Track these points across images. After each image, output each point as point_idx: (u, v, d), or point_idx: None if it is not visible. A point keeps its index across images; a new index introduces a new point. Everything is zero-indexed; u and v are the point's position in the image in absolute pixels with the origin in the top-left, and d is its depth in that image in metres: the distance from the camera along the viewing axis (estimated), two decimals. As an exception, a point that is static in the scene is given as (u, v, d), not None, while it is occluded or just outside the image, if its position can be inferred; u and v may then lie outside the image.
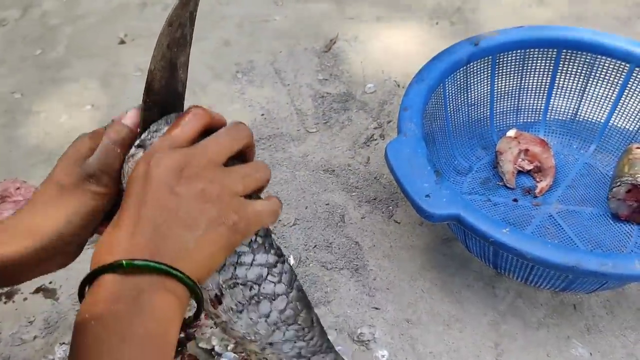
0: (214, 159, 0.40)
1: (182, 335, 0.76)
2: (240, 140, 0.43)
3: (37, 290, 0.84)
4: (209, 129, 0.44)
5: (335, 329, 0.79)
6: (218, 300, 0.43)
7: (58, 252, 0.45)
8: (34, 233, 0.43)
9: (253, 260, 0.44)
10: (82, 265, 0.44)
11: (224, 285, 0.43)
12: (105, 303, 0.34)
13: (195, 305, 0.40)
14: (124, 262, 0.35)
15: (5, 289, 0.84)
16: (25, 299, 0.83)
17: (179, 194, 0.37)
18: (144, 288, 0.34)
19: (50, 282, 0.85)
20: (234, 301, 0.43)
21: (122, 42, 1.32)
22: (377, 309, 0.81)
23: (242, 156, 0.46)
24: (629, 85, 0.93)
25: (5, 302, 0.83)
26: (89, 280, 0.36)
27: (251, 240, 0.44)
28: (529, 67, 0.97)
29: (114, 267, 0.35)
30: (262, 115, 1.12)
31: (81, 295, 0.37)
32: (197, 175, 0.39)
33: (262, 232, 0.45)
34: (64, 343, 0.79)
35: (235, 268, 0.43)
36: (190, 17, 0.48)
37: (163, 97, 0.48)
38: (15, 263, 0.42)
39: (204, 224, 0.37)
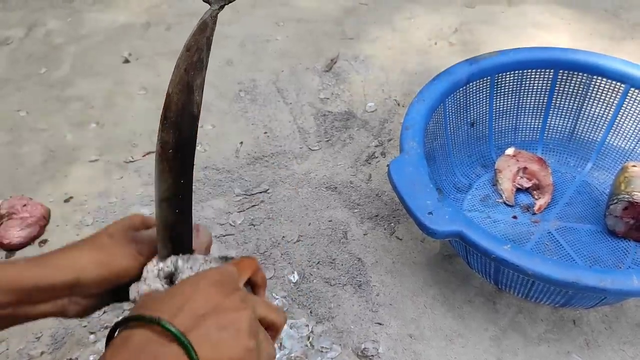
0: (261, 306, 0.46)
1: None
2: (280, 320, 0.48)
3: (44, 307, 0.85)
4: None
5: (340, 344, 0.80)
6: None
7: (84, 293, 0.48)
8: (74, 265, 0.47)
9: None
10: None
11: None
12: None
13: None
14: (155, 318, 0.39)
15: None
16: (32, 315, 0.84)
17: (226, 302, 0.43)
18: (161, 357, 0.38)
19: (57, 298, 0.86)
20: None
21: (127, 61, 1.34)
22: (380, 324, 0.83)
23: None
24: (624, 105, 0.95)
25: (12, 318, 0.84)
26: (122, 324, 0.40)
27: None
28: (527, 87, 0.99)
29: (147, 321, 0.39)
30: (265, 133, 1.14)
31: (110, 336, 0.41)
32: (249, 299, 0.45)
33: None
34: (70, 359, 0.80)
35: None
36: (207, 42, 0.50)
37: (179, 119, 0.50)
38: (50, 289, 0.45)
39: (231, 331, 0.42)
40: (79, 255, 0.47)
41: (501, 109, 1.01)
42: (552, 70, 0.97)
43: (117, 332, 0.40)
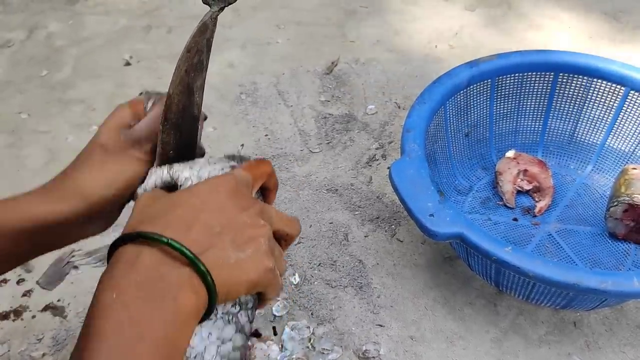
0: (277, 219, 0.43)
1: None
2: (295, 232, 0.45)
3: (46, 308, 0.85)
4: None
5: (341, 346, 0.80)
6: None
7: (101, 215, 0.47)
8: (81, 194, 0.45)
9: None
10: (91, 282, 0.46)
11: None
12: (133, 287, 0.33)
13: None
14: (166, 239, 0.34)
15: (13, 307, 0.85)
16: (33, 316, 0.84)
17: (243, 216, 0.39)
18: (173, 281, 0.34)
19: (59, 300, 0.86)
20: None
21: (128, 63, 1.34)
22: (381, 326, 0.83)
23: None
24: (624, 108, 0.95)
25: (14, 320, 0.84)
26: (126, 240, 0.36)
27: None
28: (527, 90, 1.00)
29: (154, 239, 0.35)
30: (266, 135, 1.14)
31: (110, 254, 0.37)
32: (266, 212, 0.41)
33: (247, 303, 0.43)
34: (72, 360, 0.80)
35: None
36: (207, 43, 0.50)
37: (180, 120, 0.50)
38: (63, 223, 0.44)
39: (250, 252, 0.38)
40: (83, 180, 0.44)
41: (502, 111, 1.01)
42: (552, 74, 0.98)
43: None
